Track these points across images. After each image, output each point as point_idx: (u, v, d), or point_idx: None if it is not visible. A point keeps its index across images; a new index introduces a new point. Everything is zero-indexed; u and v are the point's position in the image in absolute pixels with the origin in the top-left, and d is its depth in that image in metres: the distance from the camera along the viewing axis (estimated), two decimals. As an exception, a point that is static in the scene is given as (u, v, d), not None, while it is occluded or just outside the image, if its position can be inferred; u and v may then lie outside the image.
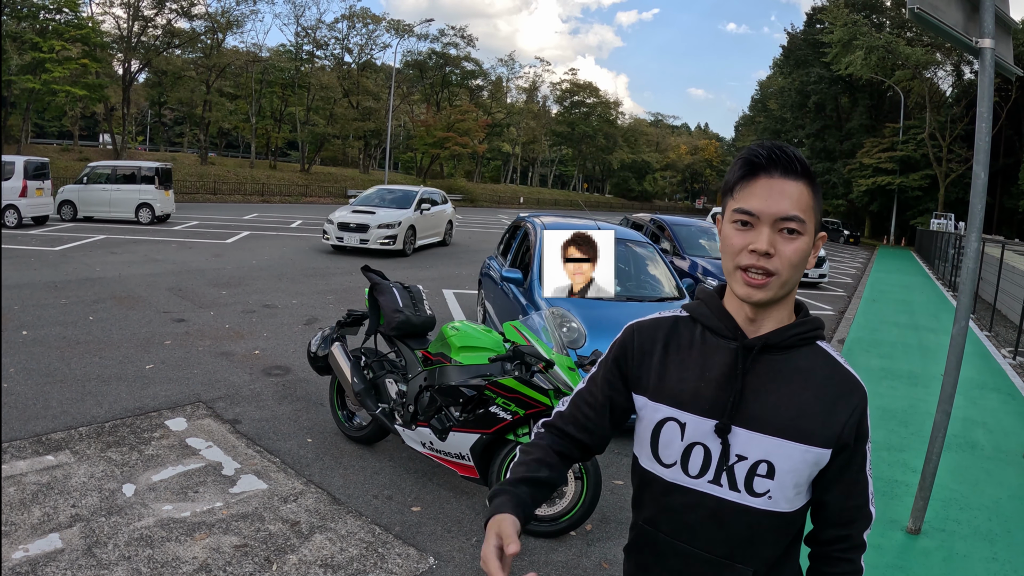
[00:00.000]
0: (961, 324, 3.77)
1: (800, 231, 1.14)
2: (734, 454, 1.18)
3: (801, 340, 1.21)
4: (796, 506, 1.21)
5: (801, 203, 1.14)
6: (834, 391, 1.19)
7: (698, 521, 1.22)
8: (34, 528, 3.31)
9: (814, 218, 1.17)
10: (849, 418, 1.17)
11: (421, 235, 16.37)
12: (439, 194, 18.79)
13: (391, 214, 15.32)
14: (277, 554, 3.28)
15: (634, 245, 6.90)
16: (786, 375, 1.19)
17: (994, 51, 3.57)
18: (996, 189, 40.80)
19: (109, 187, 18.92)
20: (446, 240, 18.47)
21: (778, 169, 1.14)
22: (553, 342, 3.74)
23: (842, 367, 1.22)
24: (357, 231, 14.78)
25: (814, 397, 1.17)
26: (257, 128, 46.93)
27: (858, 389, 1.20)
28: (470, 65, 60.60)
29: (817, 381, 1.19)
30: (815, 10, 51.62)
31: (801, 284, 16.49)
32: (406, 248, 15.26)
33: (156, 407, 5.05)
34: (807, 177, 1.16)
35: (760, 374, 1.19)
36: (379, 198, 16.75)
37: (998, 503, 4.42)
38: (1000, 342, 10.42)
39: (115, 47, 38.82)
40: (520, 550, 1.09)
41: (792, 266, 1.14)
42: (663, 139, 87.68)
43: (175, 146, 59.58)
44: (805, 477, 1.18)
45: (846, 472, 1.20)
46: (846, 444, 1.18)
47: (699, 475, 1.21)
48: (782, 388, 1.18)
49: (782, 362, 1.20)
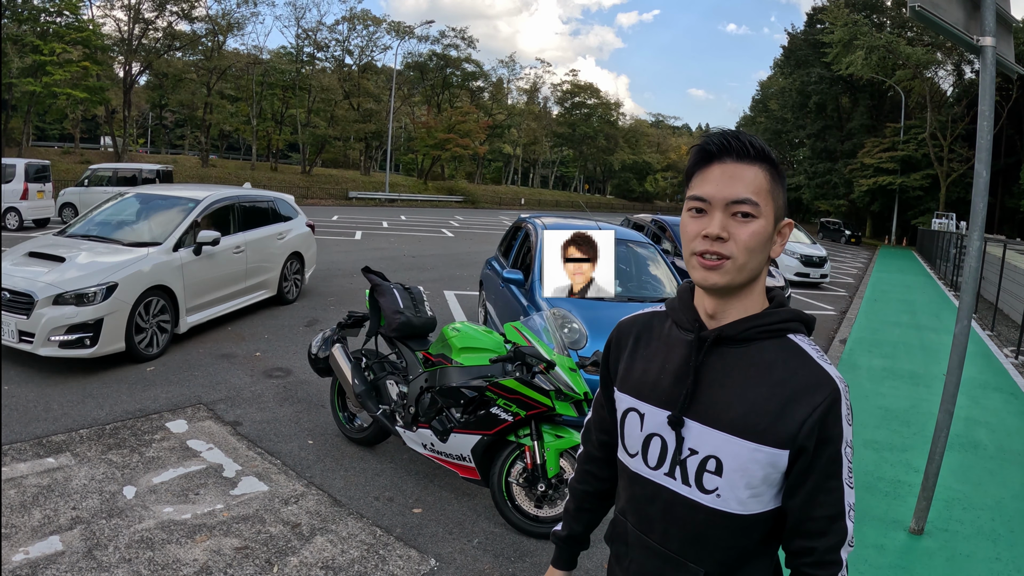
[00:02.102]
0: (963, 323, 3.76)
1: (754, 214, 1.11)
2: (687, 447, 1.16)
3: (764, 332, 1.15)
4: (752, 509, 1.14)
5: (754, 186, 1.12)
6: (794, 388, 1.10)
7: (656, 513, 1.22)
8: (34, 530, 3.30)
9: (772, 202, 1.13)
10: (808, 417, 1.08)
11: (198, 297, 7.01)
12: (273, 201, 9.09)
13: (104, 262, 6.10)
14: (278, 556, 3.28)
15: (635, 245, 6.90)
16: (743, 369, 1.14)
17: (995, 49, 3.56)
18: (997, 189, 40.78)
19: (110, 190, 18.93)
20: (286, 291, 9.06)
21: (731, 155, 1.13)
22: (554, 343, 3.73)
23: (812, 362, 1.13)
24: (13, 308, 5.65)
25: (769, 393, 1.11)
26: (258, 130, 46.96)
27: (825, 386, 1.10)
28: (471, 66, 60.62)
29: (777, 376, 1.12)
30: (815, 10, 51.66)
31: (802, 284, 16.51)
32: (139, 345, 6.13)
33: (157, 409, 5.04)
34: (763, 160, 1.13)
35: (717, 367, 1.16)
36: (116, 218, 7.31)
37: (1001, 503, 4.41)
38: (1002, 341, 10.40)
39: (116, 50, 38.87)
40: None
41: (748, 250, 1.11)
42: (664, 140, 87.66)
43: (176, 148, 59.68)
44: (759, 478, 1.11)
45: (807, 478, 1.10)
46: (804, 447, 1.09)
47: (657, 467, 1.21)
48: (737, 382, 1.13)
49: (740, 355, 1.15)
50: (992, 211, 40.83)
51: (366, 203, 43.10)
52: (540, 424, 3.66)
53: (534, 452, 3.61)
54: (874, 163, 43.86)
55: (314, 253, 10.05)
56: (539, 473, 3.61)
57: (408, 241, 19.91)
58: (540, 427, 3.66)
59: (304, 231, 9.64)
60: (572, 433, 3.65)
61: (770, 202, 1.13)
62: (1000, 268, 12.57)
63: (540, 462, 3.60)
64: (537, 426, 3.64)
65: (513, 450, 3.71)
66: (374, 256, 15.32)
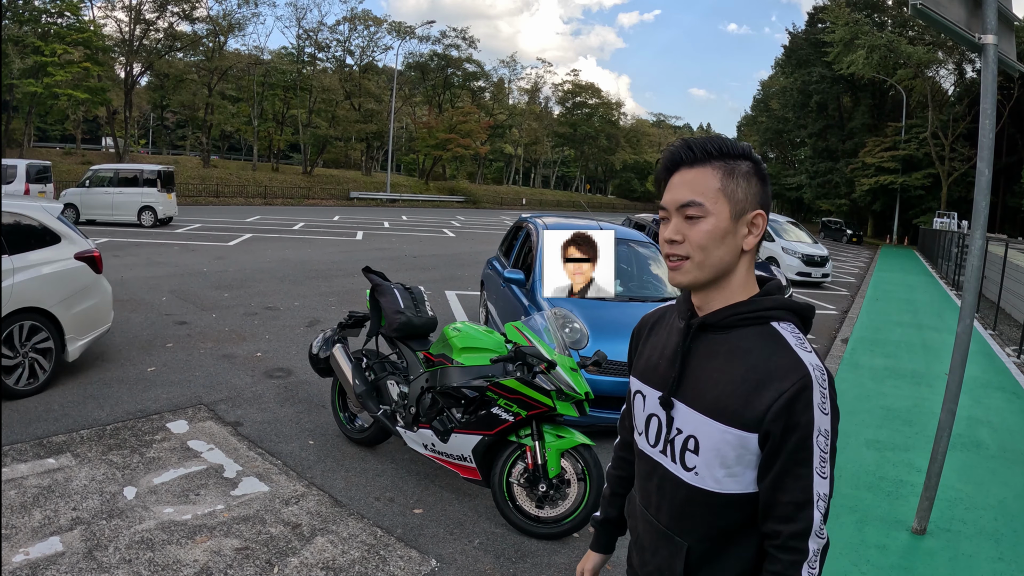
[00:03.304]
0: (966, 322, 3.75)
1: (700, 214, 1.18)
2: (675, 427, 1.24)
3: (745, 320, 1.20)
4: (729, 488, 1.18)
5: (698, 187, 1.18)
6: (765, 373, 1.14)
7: (653, 488, 1.31)
8: (35, 531, 3.30)
9: (724, 198, 1.18)
10: (774, 403, 1.11)
11: None
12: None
13: None
14: (279, 557, 3.27)
15: (636, 245, 6.89)
16: (723, 354, 1.20)
17: (997, 47, 3.55)
18: (999, 188, 40.72)
19: (111, 190, 18.96)
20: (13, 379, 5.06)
21: (682, 164, 1.22)
22: (555, 343, 3.73)
23: (790, 349, 1.15)
24: None
25: (742, 378, 1.15)
26: (259, 131, 46.99)
27: (795, 372, 1.12)
28: (472, 67, 60.64)
29: (752, 361, 1.16)
30: (816, 9, 51.60)
31: (804, 283, 16.50)
32: None
33: (158, 410, 5.04)
34: (714, 159, 1.19)
35: (702, 353, 1.23)
36: None
37: (1004, 503, 4.39)
38: (1004, 340, 10.38)
39: (117, 50, 38.93)
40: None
41: (700, 247, 1.18)
42: (665, 139, 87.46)
43: (177, 149, 59.68)
44: (732, 458, 1.16)
45: (774, 462, 1.13)
46: (769, 431, 1.12)
47: (654, 444, 1.30)
48: (716, 367, 1.20)
49: (722, 341, 1.21)
50: (994, 210, 40.77)
51: (367, 203, 43.13)
52: (541, 424, 3.66)
53: (535, 452, 3.60)
54: (875, 162, 43.80)
55: (98, 305, 5.86)
56: (540, 473, 3.61)
57: (409, 241, 19.91)
58: (541, 427, 3.65)
59: (66, 267, 5.52)
60: (573, 433, 3.64)
61: (721, 198, 1.18)
62: (1002, 267, 12.55)
63: (541, 462, 3.60)
64: (538, 426, 3.64)
65: (514, 450, 3.70)
66: (375, 256, 15.33)
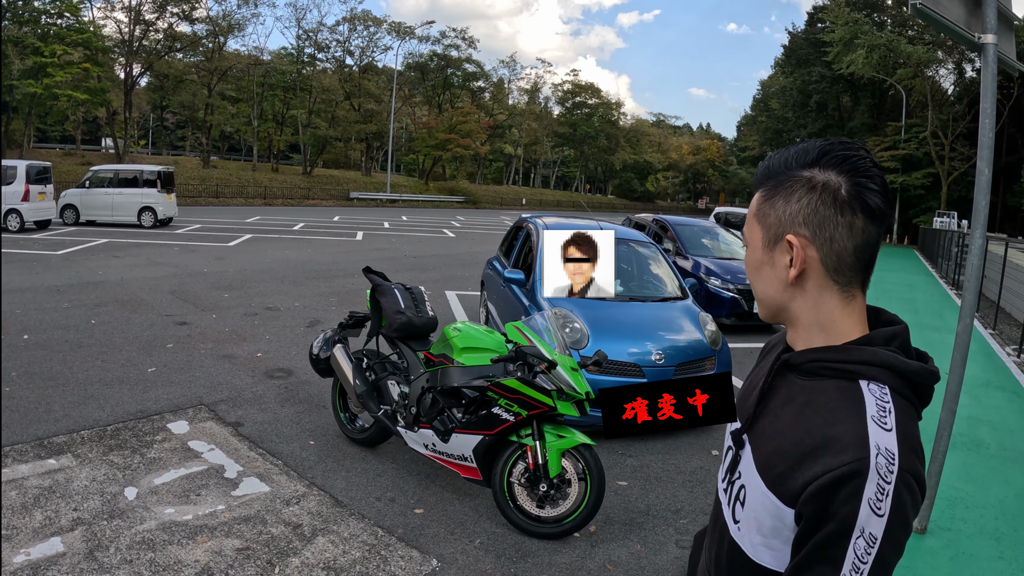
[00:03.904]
0: (966, 322, 3.75)
1: (746, 243, 1.09)
2: (738, 469, 1.08)
3: (827, 369, 0.99)
4: (761, 559, 1.00)
5: (749, 214, 1.08)
6: (821, 441, 0.92)
7: (712, 521, 1.19)
8: (35, 532, 3.30)
9: (758, 224, 1.04)
10: (815, 480, 0.89)
11: None
12: None
13: None
14: (279, 557, 3.27)
15: (636, 245, 6.89)
16: (798, 404, 1.00)
17: (996, 47, 3.55)
18: (999, 187, 40.73)
19: (111, 191, 18.97)
20: None
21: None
22: (555, 342, 3.73)
23: (861, 420, 0.91)
24: None
25: (799, 439, 0.95)
26: (259, 131, 47.01)
27: (852, 451, 0.88)
28: (471, 67, 60.66)
29: (815, 422, 0.95)
30: (816, 9, 51.56)
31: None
32: None
33: (158, 410, 5.04)
34: (759, 185, 1.07)
35: (781, 395, 1.05)
36: None
37: (1004, 502, 4.39)
38: (1004, 340, 10.38)
39: (117, 51, 38.95)
40: None
41: (751, 282, 1.09)
42: (665, 139, 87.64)
43: (177, 150, 59.69)
44: (768, 528, 0.98)
45: (800, 549, 0.93)
46: (802, 513, 0.92)
47: (723, 479, 1.16)
48: (786, 416, 1.01)
49: (801, 388, 1.01)
50: (993, 210, 40.79)
51: (367, 204, 43.12)
52: (542, 424, 3.66)
53: (536, 452, 3.60)
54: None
55: None
56: (541, 473, 3.61)
57: (409, 241, 19.91)
58: (542, 427, 3.65)
59: None
60: (574, 433, 3.64)
61: (754, 225, 1.05)
62: (1002, 267, 12.55)
63: (542, 462, 3.60)
64: (539, 426, 3.64)
65: (515, 450, 3.70)
66: (375, 256, 15.33)
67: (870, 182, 0.96)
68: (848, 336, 1.00)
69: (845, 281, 0.98)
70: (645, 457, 4.84)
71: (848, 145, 0.99)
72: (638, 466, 4.68)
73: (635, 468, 4.65)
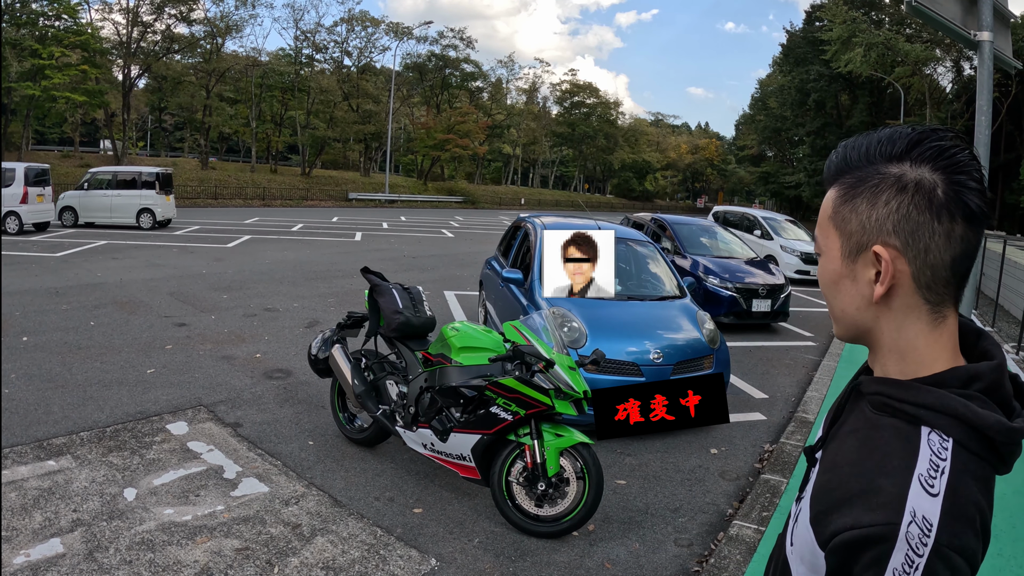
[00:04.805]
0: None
1: (819, 252, 0.91)
2: (808, 487, 0.94)
3: (889, 407, 0.85)
4: None
5: (823, 215, 0.90)
6: (861, 489, 0.79)
7: (782, 532, 1.10)
8: (35, 533, 3.31)
9: (834, 229, 0.88)
10: (841, 533, 0.78)
11: None
12: None
13: None
14: (279, 557, 3.28)
15: (635, 244, 6.89)
16: (862, 436, 0.86)
17: (992, 44, 3.56)
18: (997, 185, 40.78)
19: (110, 193, 18.96)
20: None
21: (825, 179, 0.94)
22: (553, 342, 3.73)
23: (907, 476, 0.78)
24: None
25: (846, 478, 0.82)
26: (257, 132, 47.00)
27: (885, 511, 0.76)
28: (469, 67, 60.60)
29: (867, 466, 0.81)
30: (814, 8, 51.67)
31: (804, 282, 16.47)
32: None
33: (157, 411, 5.05)
34: (833, 180, 0.90)
35: (851, 422, 0.91)
36: None
37: (1002, 499, 4.39)
38: (1003, 338, 10.39)
39: (115, 53, 38.94)
40: None
41: (825, 296, 0.93)
42: (664, 139, 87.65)
43: (176, 151, 59.69)
44: (808, 561, 0.86)
45: None
46: (827, 563, 0.83)
47: (798, 494, 1.02)
48: (848, 446, 0.87)
49: (867, 421, 0.87)
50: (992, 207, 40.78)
51: (366, 204, 43.10)
52: (540, 423, 3.66)
53: (534, 451, 3.60)
54: (874, 160, 43.85)
55: None
56: (539, 472, 3.61)
57: (408, 242, 19.91)
58: (540, 426, 3.65)
59: None
60: (572, 432, 3.65)
61: (831, 230, 0.89)
62: (1000, 264, 12.56)
63: (540, 461, 3.60)
64: (537, 425, 3.64)
65: (513, 449, 3.71)
66: (374, 257, 15.33)
67: (969, 179, 0.81)
68: (930, 367, 0.85)
69: (937, 299, 0.84)
70: (644, 456, 4.84)
71: (941, 134, 0.84)
72: (637, 465, 4.69)
73: (634, 467, 4.65)
